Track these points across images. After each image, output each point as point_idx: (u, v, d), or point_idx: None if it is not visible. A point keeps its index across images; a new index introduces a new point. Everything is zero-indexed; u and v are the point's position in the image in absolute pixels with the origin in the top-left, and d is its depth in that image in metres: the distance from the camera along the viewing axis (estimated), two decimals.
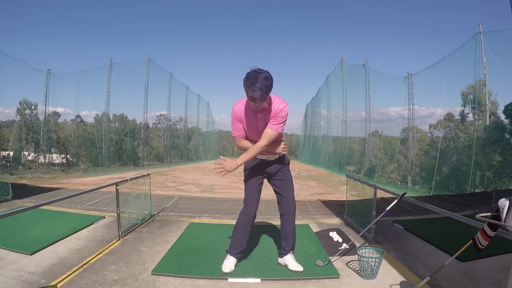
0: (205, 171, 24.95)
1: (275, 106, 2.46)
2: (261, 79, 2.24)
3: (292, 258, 2.70)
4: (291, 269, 2.62)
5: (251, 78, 2.25)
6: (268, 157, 2.64)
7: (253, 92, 2.26)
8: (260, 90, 2.24)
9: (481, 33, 15.95)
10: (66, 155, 29.10)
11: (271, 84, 2.30)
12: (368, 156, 26.49)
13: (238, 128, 2.53)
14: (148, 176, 4.33)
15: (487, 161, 15.87)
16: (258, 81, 2.23)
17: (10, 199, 5.19)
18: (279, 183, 2.71)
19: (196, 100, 43.65)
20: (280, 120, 2.46)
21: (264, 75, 2.26)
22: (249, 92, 2.29)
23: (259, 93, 2.25)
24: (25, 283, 2.39)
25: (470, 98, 18.45)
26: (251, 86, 2.25)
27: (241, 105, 2.49)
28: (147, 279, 2.49)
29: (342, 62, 29.62)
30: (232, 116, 2.52)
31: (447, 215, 2.49)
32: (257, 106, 2.38)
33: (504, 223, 1.44)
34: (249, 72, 2.30)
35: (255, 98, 2.30)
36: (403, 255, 3.09)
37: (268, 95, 2.34)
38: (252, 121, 2.49)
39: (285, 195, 2.70)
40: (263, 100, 2.33)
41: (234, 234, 2.72)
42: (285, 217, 2.72)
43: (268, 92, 2.32)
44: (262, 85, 2.24)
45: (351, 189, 4.30)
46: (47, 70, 26.99)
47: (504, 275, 2.36)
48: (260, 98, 2.30)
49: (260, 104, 2.36)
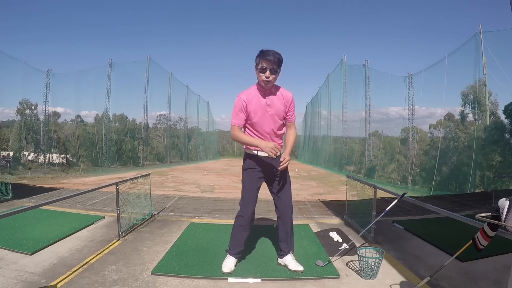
0: (205, 171, 24.96)
1: (284, 92, 2.52)
2: (273, 51, 2.35)
3: (292, 258, 2.70)
4: (291, 269, 2.61)
5: (264, 50, 2.37)
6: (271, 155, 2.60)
7: (266, 59, 2.33)
8: (273, 56, 2.32)
9: (481, 33, 15.94)
10: (66, 155, 29.10)
11: (282, 59, 2.38)
12: (368, 156, 26.49)
13: (239, 117, 2.48)
14: (148, 176, 4.33)
15: (487, 161, 15.87)
16: (270, 51, 2.35)
17: (10, 199, 5.19)
18: (278, 185, 2.64)
19: (196, 100, 43.66)
20: (293, 109, 2.59)
21: (276, 51, 2.36)
22: (262, 60, 2.36)
23: (272, 58, 2.32)
24: (25, 283, 2.39)
25: (470, 98, 18.46)
26: (263, 55, 2.36)
27: (248, 93, 2.48)
28: (147, 279, 2.49)
29: (342, 62, 29.63)
30: (236, 104, 2.47)
31: (447, 215, 2.49)
32: (267, 83, 2.39)
33: (504, 223, 1.44)
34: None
35: (266, 68, 2.34)
36: (403, 255, 3.09)
37: (278, 69, 2.40)
38: (262, 108, 2.46)
39: (283, 198, 2.65)
40: (274, 72, 2.37)
41: (232, 235, 2.71)
42: (282, 219, 2.68)
43: (279, 64, 2.38)
44: (274, 55, 2.33)
45: (351, 189, 4.30)
46: (47, 70, 27.04)
47: (504, 275, 2.35)
48: (272, 66, 2.34)
49: (269, 80, 2.38)
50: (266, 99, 2.48)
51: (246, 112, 2.46)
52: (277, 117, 2.51)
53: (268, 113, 2.47)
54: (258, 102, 2.46)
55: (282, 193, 2.65)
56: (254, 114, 2.47)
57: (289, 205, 2.67)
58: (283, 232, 2.69)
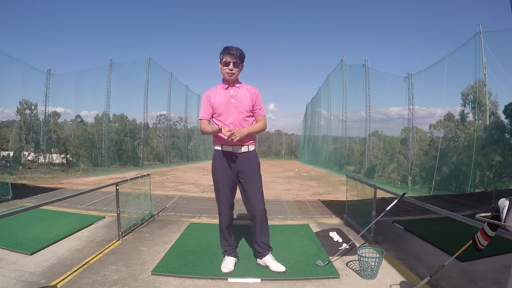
0: (205, 171, 24.94)
1: (250, 88, 2.60)
2: (236, 47, 2.48)
3: (272, 258, 2.64)
4: (273, 270, 2.56)
5: (227, 46, 2.49)
6: (236, 148, 2.52)
7: (229, 53, 2.45)
8: (236, 51, 2.45)
9: (481, 33, 15.94)
10: (66, 155, 29.12)
11: (244, 55, 2.52)
12: (368, 156, 26.49)
13: (205, 110, 2.56)
14: (148, 176, 4.33)
15: (487, 161, 15.86)
16: (233, 47, 2.48)
17: (10, 199, 5.19)
18: (245, 184, 2.57)
19: (196, 100, 43.53)
20: (261, 104, 2.63)
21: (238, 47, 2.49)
22: (225, 55, 2.47)
23: (234, 53, 2.43)
24: (25, 283, 2.39)
25: (470, 98, 18.45)
26: (226, 50, 2.46)
27: (214, 88, 2.61)
28: (147, 279, 2.49)
29: (342, 62, 29.64)
30: (202, 100, 2.62)
31: (447, 215, 2.49)
32: (230, 75, 2.49)
33: (504, 223, 1.44)
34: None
35: (229, 62, 2.45)
36: (403, 255, 3.09)
37: (241, 63, 2.52)
38: (225, 99, 2.52)
39: (250, 199, 2.57)
40: (236, 66, 2.48)
41: (220, 237, 2.72)
42: (254, 222, 2.61)
43: (242, 59, 2.51)
44: (237, 50, 2.46)
45: (351, 189, 4.30)
46: (47, 70, 27.09)
47: (504, 275, 2.36)
48: (235, 60, 2.45)
49: (233, 73, 2.48)
50: (229, 90, 2.56)
51: (211, 104, 2.54)
52: (242, 109, 2.53)
53: (232, 104, 2.52)
54: (222, 93, 2.56)
55: (250, 194, 2.57)
56: (217, 105, 2.53)
57: (258, 207, 2.57)
58: (257, 235, 2.62)
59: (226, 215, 2.62)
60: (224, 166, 2.56)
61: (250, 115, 2.59)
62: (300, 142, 53.30)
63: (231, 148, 2.53)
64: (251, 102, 2.56)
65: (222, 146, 2.56)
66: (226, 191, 2.59)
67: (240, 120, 2.53)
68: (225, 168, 2.56)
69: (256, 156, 2.66)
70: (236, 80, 2.58)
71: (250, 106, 2.56)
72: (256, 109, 2.60)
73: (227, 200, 2.61)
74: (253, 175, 2.59)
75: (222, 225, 2.66)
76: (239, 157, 2.55)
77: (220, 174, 2.59)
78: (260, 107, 2.62)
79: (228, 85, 2.57)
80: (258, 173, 2.63)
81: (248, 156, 2.57)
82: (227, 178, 2.58)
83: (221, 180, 2.59)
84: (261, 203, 2.61)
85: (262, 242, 2.63)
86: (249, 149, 2.58)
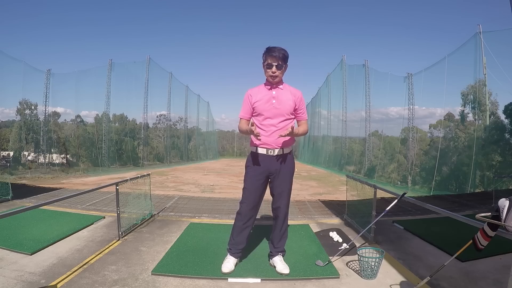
0: (205, 171, 24.96)
1: (293, 90, 2.57)
2: (279, 47, 2.44)
3: (280, 260, 2.66)
4: (278, 271, 2.57)
5: (269, 47, 2.45)
6: (270, 151, 2.52)
7: (271, 55, 2.42)
8: (278, 52, 2.40)
9: (481, 33, 15.95)
10: (66, 155, 29.12)
11: (287, 55, 2.47)
12: (368, 156, 26.49)
13: (245, 109, 2.54)
14: (148, 176, 4.33)
15: (487, 161, 15.87)
16: (276, 48, 2.44)
17: (10, 199, 5.18)
18: (277, 187, 2.58)
19: (196, 100, 43.69)
20: (304, 107, 2.62)
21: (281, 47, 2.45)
22: (268, 57, 2.44)
23: (277, 55, 2.40)
24: (25, 283, 2.39)
25: (470, 98, 18.45)
26: (269, 51, 2.43)
27: (256, 88, 2.58)
28: (147, 279, 2.49)
29: (342, 62, 29.65)
30: (244, 97, 2.57)
31: (447, 215, 2.49)
32: (273, 78, 2.46)
33: (504, 223, 1.44)
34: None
35: (271, 64, 2.42)
36: (403, 255, 3.09)
37: (284, 65, 2.48)
38: (267, 99, 2.50)
39: (278, 200, 2.61)
40: (279, 68, 2.44)
41: (231, 234, 2.70)
42: (276, 221, 2.67)
43: (285, 59, 2.46)
44: (280, 51, 2.42)
45: (351, 189, 4.30)
46: (47, 70, 27.04)
47: (504, 275, 2.35)
48: (278, 62, 2.42)
49: (276, 75, 2.45)
50: (272, 91, 2.53)
51: (252, 104, 2.52)
52: (283, 111, 2.50)
53: (273, 105, 2.49)
54: (264, 93, 2.53)
55: (278, 195, 2.60)
56: (258, 105, 2.50)
57: (283, 208, 2.61)
58: (274, 234, 2.69)
59: (246, 216, 2.60)
60: (256, 168, 2.56)
61: (290, 118, 2.55)
62: (300, 142, 53.24)
63: (265, 151, 2.52)
64: (293, 105, 2.53)
65: (257, 149, 2.55)
66: (253, 191, 2.58)
67: (282, 122, 2.51)
68: (259, 170, 2.56)
69: (291, 159, 2.64)
70: (280, 81, 2.55)
71: (292, 109, 2.52)
72: (300, 112, 2.59)
73: (252, 201, 2.59)
74: (284, 178, 2.58)
75: (240, 222, 2.62)
76: (273, 160, 2.53)
77: (250, 176, 2.59)
78: (303, 111, 2.60)
79: (271, 86, 2.54)
80: (289, 176, 2.62)
81: (282, 159, 2.56)
82: (256, 181, 2.58)
83: (250, 181, 2.59)
84: (286, 207, 2.63)
85: (275, 243, 2.67)
86: (283, 152, 2.56)
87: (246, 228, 2.64)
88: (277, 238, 2.68)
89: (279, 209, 2.62)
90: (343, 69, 29.33)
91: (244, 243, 2.70)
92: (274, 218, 2.68)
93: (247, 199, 2.59)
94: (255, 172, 2.58)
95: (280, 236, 2.68)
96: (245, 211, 2.60)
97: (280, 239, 2.69)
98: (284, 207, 2.63)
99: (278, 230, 2.67)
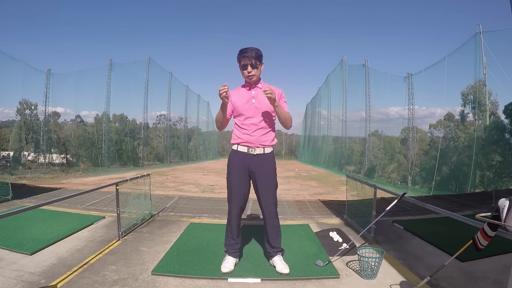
0: (205, 171, 24.95)
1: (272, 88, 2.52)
2: (251, 47, 2.45)
3: (280, 260, 2.65)
4: (277, 271, 2.57)
5: (242, 49, 2.46)
6: (251, 149, 2.51)
7: (244, 56, 2.42)
8: (251, 52, 2.41)
9: (481, 33, 15.93)
10: (66, 155, 29.11)
11: (261, 54, 2.47)
12: (368, 156, 26.49)
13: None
14: (148, 176, 4.33)
15: (487, 161, 15.86)
16: (248, 48, 2.45)
17: (10, 199, 5.19)
18: (260, 186, 2.56)
19: (196, 100, 43.66)
20: (285, 103, 2.60)
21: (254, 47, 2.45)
22: (241, 58, 2.45)
23: (249, 54, 2.40)
24: (25, 283, 2.39)
25: (470, 98, 18.44)
26: (242, 52, 2.44)
27: (236, 89, 2.62)
28: (147, 279, 2.49)
29: (342, 62, 29.62)
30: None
31: (447, 215, 2.49)
32: (250, 78, 2.48)
33: (504, 223, 1.44)
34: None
35: (246, 65, 2.44)
36: (403, 255, 3.09)
37: (259, 64, 2.49)
38: (246, 98, 2.53)
39: (263, 203, 2.58)
40: (254, 67, 2.45)
41: (226, 234, 2.71)
42: (265, 221, 2.64)
43: (259, 58, 2.47)
44: (252, 51, 2.42)
45: (351, 189, 4.30)
46: (47, 70, 27.03)
47: (504, 275, 2.35)
48: (251, 61, 2.43)
49: (252, 75, 2.46)
50: (251, 91, 2.55)
51: (232, 103, 2.54)
52: (263, 109, 2.51)
53: (253, 104, 2.51)
54: (243, 94, 2.56)
55: (263, 194, 2.57)
56: (238, 105, 2.53)
57: (270, 206, 2.58)
58: (269, 234, 2.65)
59: (234, 215, 2.62)
60: (238, 167, 2.56)
61: (271, 116, 2.56)
62: (300, 142, 53.29)
63: (246, 149, 2.52)
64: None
65: (238, 146, 2.55)
66: (237, 192, 2.58)
67: (262, 121, 2.52)
68: (239, 169, 2.55)
69: (272, 158, 2.61)
70: (258, 81, 2.57)
71: (272, 107, 2.51)
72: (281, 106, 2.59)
73: (238, 200, 2.59)
74: (266, 177, 2.56)
75: (229, 224, 2.65)
76: (254, 159, 2.53)
77: (233, 174, 2.58)
78: (284, 105, 2.57)
79: (250, 86, 2.56)
80: (271, 175, 2.59)
81: (263, 158, 2.54)
82: (239, 179, 2.57)
83: (233, 180, 2.58)
84: (272, 205, 2.59)
85: (271, 243, 2.65)
86: (264, 151, 2.54)
87: (235, 228, 2.64)
88: (272, 237, 2.65)
89: (266, 208, 2.59)
90: (343, 69, 29.32)
91: (240, 242, 2.71)
92: (264, 218, 2.64)
93: (232, 196, 2.59)
94: (237, 169, 2.57)
95: (275, 236, 2.66)
96: (231, 209, 2.61)
97: (276, 238, 2.67)
98: (270, 205, 2.58)
99: (271, 230, 2.63)
